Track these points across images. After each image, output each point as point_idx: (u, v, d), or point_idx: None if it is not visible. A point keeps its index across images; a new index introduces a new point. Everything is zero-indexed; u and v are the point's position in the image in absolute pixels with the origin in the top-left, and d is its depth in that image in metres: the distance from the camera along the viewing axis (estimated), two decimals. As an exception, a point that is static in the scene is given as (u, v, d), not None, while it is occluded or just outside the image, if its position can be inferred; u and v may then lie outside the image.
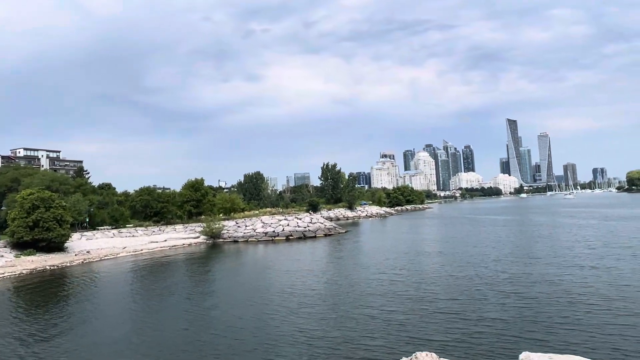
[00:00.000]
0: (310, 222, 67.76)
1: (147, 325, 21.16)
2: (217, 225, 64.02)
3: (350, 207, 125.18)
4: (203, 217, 73.06)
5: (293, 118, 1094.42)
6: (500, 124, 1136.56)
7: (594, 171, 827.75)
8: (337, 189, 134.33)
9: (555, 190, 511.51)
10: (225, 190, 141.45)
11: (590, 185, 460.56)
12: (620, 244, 37.11)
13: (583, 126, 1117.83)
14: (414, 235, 58.68)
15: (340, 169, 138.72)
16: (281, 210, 79.12)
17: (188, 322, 21.32)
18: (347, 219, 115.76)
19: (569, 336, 16.92)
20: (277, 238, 61.49)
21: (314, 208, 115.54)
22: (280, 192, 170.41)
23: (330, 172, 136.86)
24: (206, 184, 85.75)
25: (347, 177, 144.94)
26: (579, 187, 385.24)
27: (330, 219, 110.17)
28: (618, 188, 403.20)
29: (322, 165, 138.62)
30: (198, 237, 62.84)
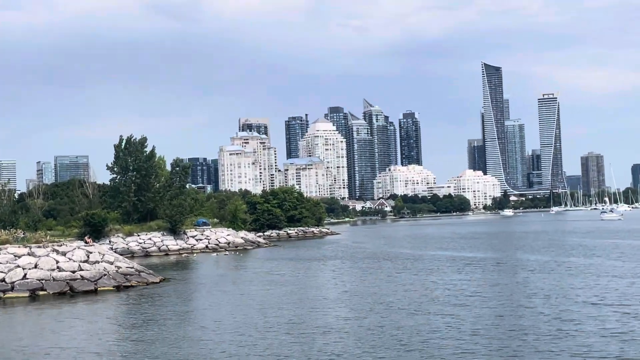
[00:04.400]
0: (86, 261, 65.80)
1: None
2: None
3: (175, 231, 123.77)
4: None
5: (57, 39, 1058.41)
6: (471, 74, 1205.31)
7: (635, 170, 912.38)
8: (147, 190, 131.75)
9: (567, 204, 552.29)
10: None
11: (627, 195, 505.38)
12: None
13: (617, 85, 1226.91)
14: (295, 293, 58.80)
15: (155, 148, 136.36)
16: (22, 235, 75.38)
17: None
18: (168, 254, 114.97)
19: None
20: (10, 295, 58.95)
21: (96, 230, 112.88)
22: (22, 194, 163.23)
23: (133, 156, 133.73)
24: None
25: (169, 167, 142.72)
26: (606, 198, 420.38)
27: (131, 253, 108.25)
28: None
29: (116, 143, 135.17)
30: None
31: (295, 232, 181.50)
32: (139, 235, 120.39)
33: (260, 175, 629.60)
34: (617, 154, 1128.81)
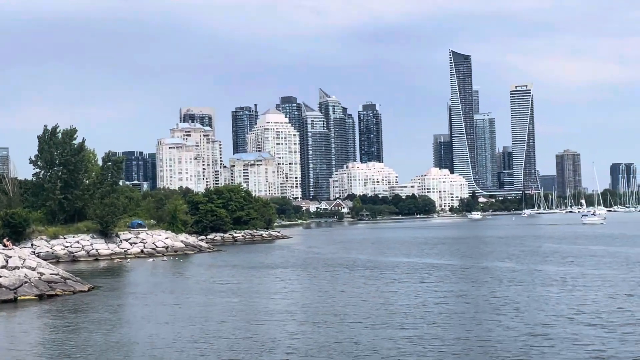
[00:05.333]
0: (4, 267, 65.15)
1: None
2: None
3: (106, 233, 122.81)
4: None
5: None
6: (438, 63, 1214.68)
7: (614, 170, 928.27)
8: (75, 187, 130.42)
9: (540, 206, 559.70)
10: None
11: (605, 197, 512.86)
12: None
13: (597, 77, 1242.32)
14: (239, 304, 58.62)
15: (85, 141, 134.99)
16: None
17: None
18: (98, 260, 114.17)
19: None
20: None
21: (16, 232, 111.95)
22: None
23: (60, 149, 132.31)
24: None
25: (101, 162, 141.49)
26: (583, 200, 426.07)
27: (56, 258, 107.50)
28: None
29: (40, 134, 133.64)
30: None
31: (242, 236, 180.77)
32: (65, 238, 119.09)
33: (204, 172, 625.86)
34: (595, 153, 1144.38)
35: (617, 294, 55.96)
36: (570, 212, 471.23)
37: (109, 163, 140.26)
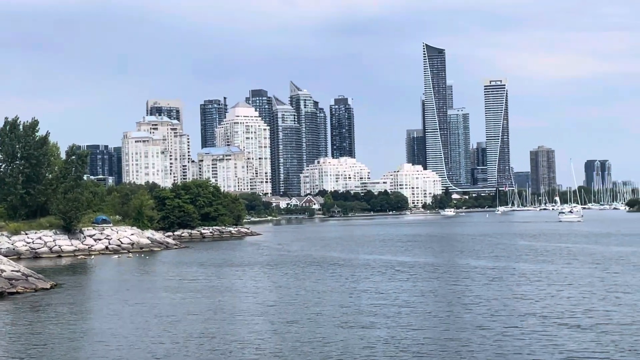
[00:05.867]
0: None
1: None
2: None
3: (69, 229, 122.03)
4: None
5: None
6: (411, 56, 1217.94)
7: (588, 167, 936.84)
8: (37, 182, 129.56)
9: (514, 204, 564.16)
10: None
11: (580, 194, 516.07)
12: None
13: (572, 72, 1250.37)
14: (207, 303, 58.46)
15: (49, 134, 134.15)
16: None
17: None
18: (61, 256, 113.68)
19: None
20: None
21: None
22: None
23: (22, 142, 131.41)
24: None
25: (64, 156, 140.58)
26: (557, 197, 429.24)
27: (17, 255, 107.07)
28: (631, 203, 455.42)
29: (0, 126, 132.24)
30: None
31: (210, 232, 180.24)
32: (27, 234, 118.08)
33: (171, 166, 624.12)
34: (570, 149, 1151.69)
35: (593, 293, 56.29)
36: (544, 209, 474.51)
37: (73, 157, 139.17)
